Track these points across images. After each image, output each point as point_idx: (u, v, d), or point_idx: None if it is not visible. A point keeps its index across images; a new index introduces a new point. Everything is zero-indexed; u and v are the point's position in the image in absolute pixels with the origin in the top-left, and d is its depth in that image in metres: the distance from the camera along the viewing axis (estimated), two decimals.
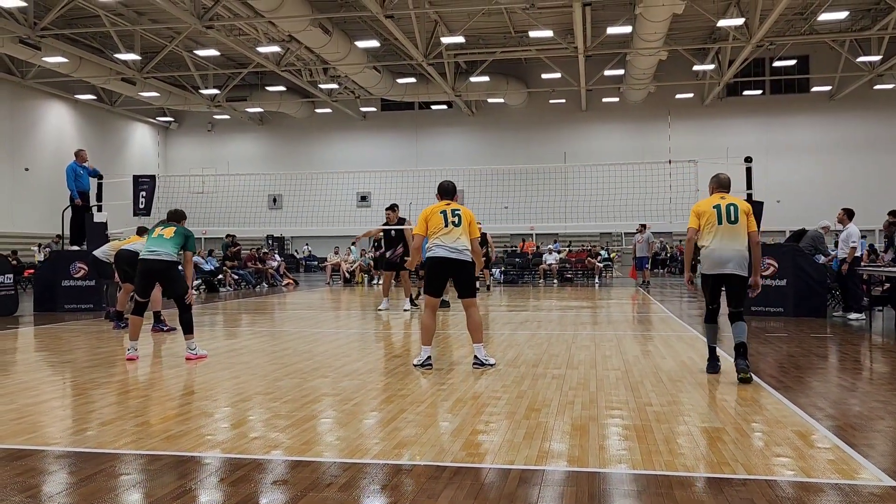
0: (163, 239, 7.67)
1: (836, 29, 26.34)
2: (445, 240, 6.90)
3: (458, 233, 6.91)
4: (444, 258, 6.87)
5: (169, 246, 7.65)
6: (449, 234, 6.90)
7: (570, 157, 31.81)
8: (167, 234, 7.72)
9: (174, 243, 7.69)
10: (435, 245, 6.95)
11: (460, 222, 6.95)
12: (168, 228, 7.80)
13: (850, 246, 11.46)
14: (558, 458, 4.03)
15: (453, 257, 6.85)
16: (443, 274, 7.01)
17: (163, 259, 7.59)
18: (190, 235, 7.89)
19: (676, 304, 15.09)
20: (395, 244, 13.17)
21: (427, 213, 7.07)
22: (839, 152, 32.35)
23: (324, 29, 22.73)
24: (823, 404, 5.38)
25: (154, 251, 7.60)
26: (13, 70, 27.36)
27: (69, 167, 14.20)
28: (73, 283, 13.39)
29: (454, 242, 6.87)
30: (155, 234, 7.75)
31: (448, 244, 6.87)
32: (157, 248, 7.61)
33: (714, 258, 6.47)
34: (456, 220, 6.94)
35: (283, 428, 4.71)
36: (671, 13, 20.69)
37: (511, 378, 6.39)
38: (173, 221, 8.08)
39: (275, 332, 10.40)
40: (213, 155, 37.29)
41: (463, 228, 6.95)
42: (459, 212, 7.02)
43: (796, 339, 9.09)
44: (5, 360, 7.77)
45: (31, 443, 4.40)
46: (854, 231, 11.56)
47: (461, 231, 6.93)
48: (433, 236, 6.98)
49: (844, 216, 11.89)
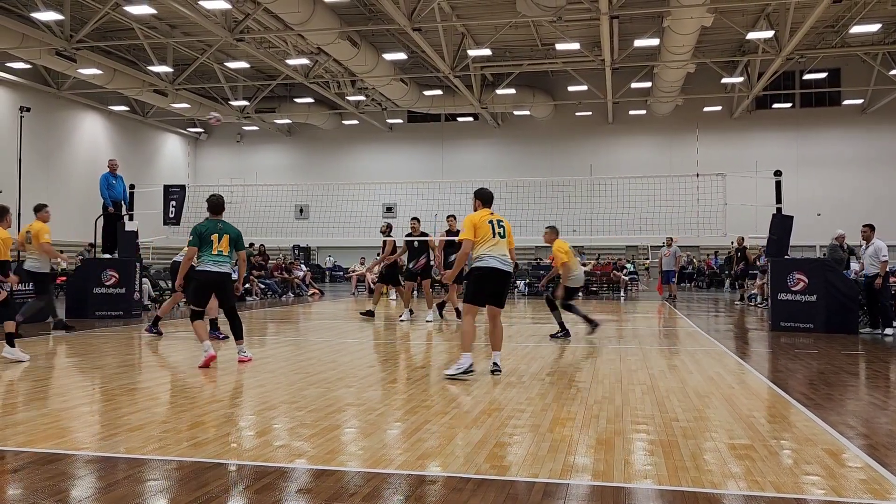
0: (222, 255, 7.75)
1: (868, 42, 25.97)
2: (494, 251, 7.00)
3: (504, 244, 7.07)
4: (498, 269, 6.98)
5: (229, 259, 7.83)
6: (497, 245, 7.02)
7: (597, 170, 31.66)
8: (224, 249, 7.76)
9: (231, 255, 7.87)
10: (486, 255, 7.01)
11: (504, 234, 7.13)
12: (223, 240, 7.75)
13: (881, 260, 11.34)
14: (583, 472, 4.00)
15: (504, 269, 7.00)
16: (493, 284, 7.03)
17: (225, 272, 7.80)
18: (239, 236, 7.94)
19: (703, 318, 14.91)
20: (419, 255, 13.32)
21: (476, 220, 7.09)
22: (872, 166, 31.80)
23: (352, 41, 22.97)
24: (855, 422, 5.27)
25: (219, 263, 7.72)
26: (49, 81, 28.00)
27: (102, 177, 14.50)
28: (104, 290, 13.60)
29: (503, 254, 7.04)
30: (214, 249, 7.70)
31: (497, 255, 7.00)
32: (221, 261, 7.74)
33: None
34: (501, 232, 7.10)
35: (307, 437, 4.74)
36: (700, 26, 20.57)
37: (535, 391, 6.36)
38: (218, 217, 7.97)
39: (300, 342, 10.46)
40: (242, 165, 37.74)
41: (507, 239, 7.13)
42: (503, 223, 7.19)
43: (826, 355, 8.92)
44: (37, 365, 7.91)
45: (60, 447, 4.47)
46: (882, 245, 11.45)
47: (506, 242, 7.11)
48: (481, 246, 7.03)
49: (870, 231, 11.77)
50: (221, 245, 7.71)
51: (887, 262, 11.44)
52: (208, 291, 7.88)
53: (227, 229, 7.82)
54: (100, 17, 21.36)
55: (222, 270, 7.75)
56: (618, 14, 20.21)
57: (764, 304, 17.03)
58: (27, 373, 7.36)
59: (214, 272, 7.70)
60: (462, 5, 22.63)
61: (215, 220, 7.88)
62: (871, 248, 11.58)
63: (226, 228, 7.82)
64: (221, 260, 7.73)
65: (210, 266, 7.68)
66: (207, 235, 7.69)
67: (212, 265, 7.68)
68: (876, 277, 11.33)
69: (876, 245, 11.49)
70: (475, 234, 7.03)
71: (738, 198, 14.12)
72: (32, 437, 4.69)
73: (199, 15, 20.42)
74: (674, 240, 20.74)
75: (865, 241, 11.76)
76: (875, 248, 11.49)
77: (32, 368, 7.64)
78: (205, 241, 7.70)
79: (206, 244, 7.69)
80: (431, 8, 20.22)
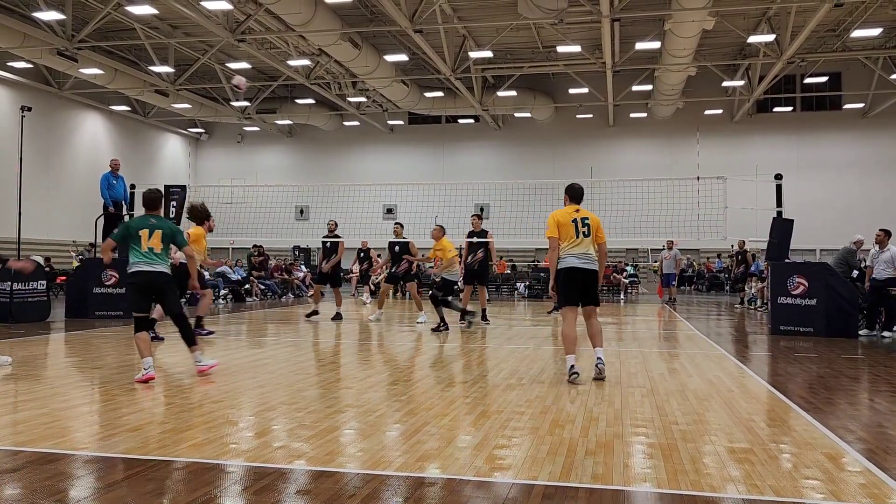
0: (153, 253, 6.92)
1: (869, 46, 25.97)
2: (575, 250, 7.02)
3: (587, 242, 7.03)
4: (578, 268, 6.99)
5: (163, 257, 7.01)
6: (579, 244, 7.01)
7: (597, 173, 31.66)
8: (156, 246, 6.93)
9: (165, 252, 7.05)
10: (566, 255, 7.04)
11: (589, 232, 7.05)
12: (154, 236, 6.93)
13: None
14: (582, 474, 3.99)
15: (586, 267, 7.00)
16: (578, 284, 7.04)
17: (160, 271, 6.96)
18: (175, 232, 7.13)
19: (703, 321, 14.91)
20: (400, 259, 13.59)
21: (559, 218, 7.09)
22: (872, 170, 31.80)
23: (353, 43, 22.98)
24: (854, 426, 5.27)
25: (151, 262, 6.91)
26: (50, 81, 28.01)
27: (103, 177, 14.50)
28: (104, 290, 13.60)
29: (584, 252, 7.02)
30: (143, 246, 6.88)
31: (577, 253, 7.01)
32: (153, 259, 6.92)
33: None
34: (586, 231, 7.04)
35: (306, 438, 4.74)
36: (701, 29, 20.57)
37: (535, 393, 6.36)
38: (154, 213, 7.18)
39: (299, 343, 10.46)
40: (243, 166, 37.75)
41: (591, 238, 7.06)
42: (588, 220, 7.09)
43: (826, 359, 8.92)
44: (37, 364, 7.91)
45: (60, 447, 4.47)
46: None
47: (590, 240, 7.05)
48: (563, 246, 7.05)
49: (885, 237, 11.87)
50: (152, 241, 6.89)
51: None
52: (146, 295, 7.00)
53: (159, 225, 7.00)
54: (101, 17, 21.37)
55: (156, 269, 6.90)
56: (619, 17, 20.22)
57: (764, 308, 17.03)
58: (26, 372, 7.35)
59: (147, 272, 6.87)
60: (463, 7, 22.64)
61: (148, 216, 7.11)
62: (886, 254, 11.69)
63: (159, 224, 7.01)
64: (153, 258, 6.89)
65: (142, 266, 6.86)
66: (135, 230, 6.92)
67: (143, 265, 6.86)
68: (887, 282, 11.44)
69: (892, 251, 11.64)
70: (558, 233, 7.04)
71: (738, 201, 14.15)
72: (31, 437, 4.69)
73: (201, 15, 20.43)
74: (674, 243, 20.74)
75: (879, 244, 11.86)
76: (892, 253, 11.63)
77: (32, 368, 7.64)
78: (132, 236, 6.92)
79: (135, 240, 6.90)
80: (433, 10, 20.23)
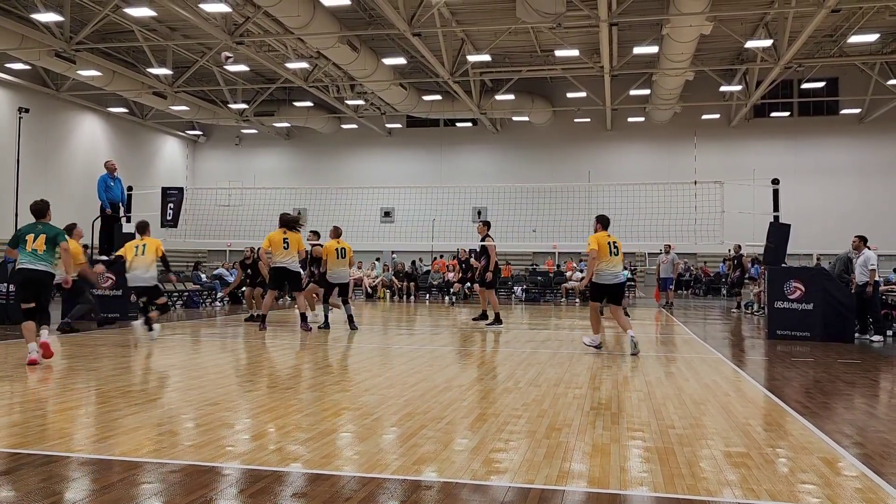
0: (36, 253, 8.00)
1: (866, 51, 26.07)
2: (608, 268, 9.32)
3: (617, 260, 9.36)
4: (607, 285, 9.44)
5: (46, 257, 8.07)
6: (611, 262, 9.29)
7: (595, 177, 31.71)
8: (39, 247, 8.02)
9: (49, 253, 8.09)
10: (601, 271, 9.35)
11: (617, 251, 9.34)
12: (39, 239, 8.04)
13: (869, 269, 11.85)
14: (579, 478, 3.99)
15: (613, 283, 9.43)
16: (606, 292, 9.52)
17: (40, 269, 8.03)
18: (57, 233, 8.17)
19: (700, 326, 14.92)
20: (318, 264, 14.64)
21: (599, 239, 9.28)
22: (869, 175, 31.89)
23: (352, 46, 23.00)
24: (850, 431, 5.28)
25: (34, 261, 7.99)
26: (48, 83, 27.99)
27: (100, 178, 14.46)
28: (100, 292, 13.56)
29: (614, 269, 9.38)
30: (28, 247, 8.01)
31: (609, 272, 9.35)
32: (36, 259, 8.00)
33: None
34: (615, 251, 9.32)
35: (303, 441, 4.73)
36: (698, 34, 20.64)
37: (532, 397, 6.36)
38: (41, 221, 8.28)
39: (296, 345, 10.45)
40: (240, 168, 37.74)
41: (620, 256, 9.37)
42: (617, 244, 9.32)
43: (823, 363, 8.93)
44: (33, 367, 7.88)
45: (55, 449, 4.45)
46: (871, 255, 12.02)
47: (619, 258, 9.37)
48: (599, 262, 9.26)
49: (860, 243, 12.35)
50: (36, 244, 8.02)
51: (875, 271, 11.91)
52: (28, 288, 8.08)
53: (44, 230, 8.14)
54: (100, 19, 21.37)
55: (37, 268, 7.99)
56: (617, 21, 20.26)
57: (761, 312, 17.04)
58: (22, 374, 7.33)
59: (29, 269, 7.97)
60: (462, 11, 22.68)
61: (35, 223, 8.24)
62: (861, 258, 12.07)
63: (44, 229, 8.15)
64: (36, 258, 7.99)
65: (26, 264, 7.98)
66: (23, 236, 8.13)
67: (27, 263, 7.98)
68: (866, 286, 11.64)
69: (866, 255, 12.01)
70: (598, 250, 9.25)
71: (735, 205, 14.16)
72: (27, 439, 4.67)
73: (199, 18, 20.43)
74: (671, 247, 20.75)
75: (856, 250, 12.28)
76: (865, 257, 11.99)
77: (28, 370, 7.61)
78: (21, 240, 8.10)
79: (23, 243, 8.07)
80: (431, 13, 20.26)
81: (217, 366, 8.15)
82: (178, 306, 18.59)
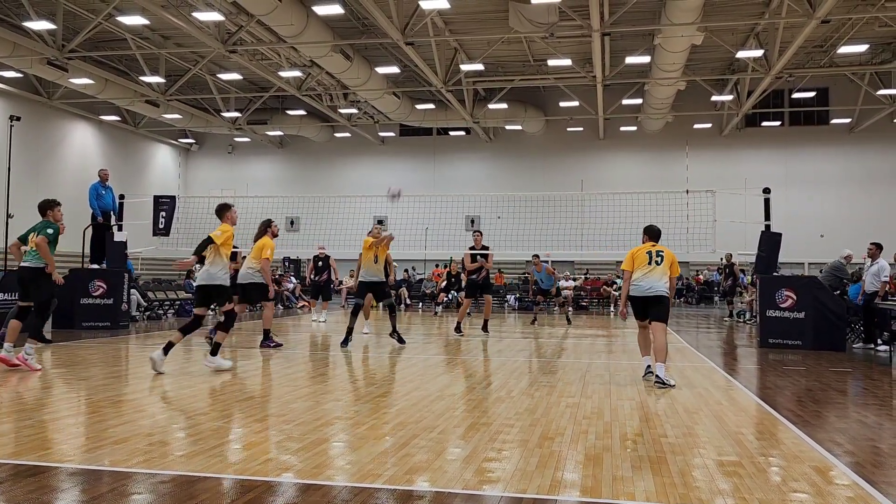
0: (31, 251, 8.29)
1: (856, 62, 26.26)
2: (642, 279, 8.12)
3: (659, 271, 8.13)
4: (637, 297, 8.15)
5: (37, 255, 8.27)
6: (649, 272, 8.09)
7: (587, 185, 31.77)
8: (31, 245, 8.32)
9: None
10: (635, 283, 8.17)
11: (662, 261, 8.17)
12: (31, 237, 8.31)
13: (881, 280, 11.60)
14: (571, 487, 3.98)
15: (645, 295, 8.08)
16: (640, 306, 8.19)
17: (30, 266, 8.25)
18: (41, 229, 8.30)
19: (693, 334, 14.95)
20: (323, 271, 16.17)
21: (635, 252, 8.34)
22: (860, 185, 32.07)
23: (345, 55, 23.03)
24: (842, 440, 5.29)
25: (27, 259, 8.31)
26: (40, 91, 27.90)
27: (92, 187, 14.43)
28: (91, 300, 13.50)
29: (649, 280, 8.08)
30: (30, 245, 8.33)
31: (643, 283, 8.10)
32: (28, 257, 8.30)
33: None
34: (658, 260, 8.18)
35: (294, 450, 4.70)
36: (690, 44, 20.76)
37: (524, 406, 6.35)
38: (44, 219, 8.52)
39: (288, 354, 10.41)
40: (233, 177, 37.65)
41: (664, 267, 8.15)
42: (663, 253, 8.25)
43: (815, 372, 8.96)
44: (23, 376, 7.83)
45: (44, 459, 4.41)
46: (885, 265, 11.74)
47: (662, 270, 8.14)
48: (635, 275, 8.19)
49: (876, 250, 12.02)
50: (31, 241, 8.33)
51: (887, 282, 11.71)
52: (20, 286, 8.43)
53: (36, 227, 8.36)
54: (92, 27, 21.33)
55: (26, 264, 8.28)
56: (609, 31, 20.37)
57: (753, 321, 17.09)
58: (11, 383, 7.28)
59: (21, 267, 8.33)
60: (455, 20, 22.75)
61: (40, 222, 8.48)
62: (874, 266, 11.81)
63: (36, 227, 8.37)
64: (29, 255, 8.28)
65: (24, 263, 8.33)
66: (26, 236, 8.44)
67: (25, 261, 8.33)
68: (874, 295, 11.52)
69: (881, 264, 11.77)
70: (633, 263, 8.22)
71: (727, 214, 14.23)
72: (16, 449, 4.63)
73: (192, 26, 20.42)
74: None
75: (871, 258, 11.99)
76: (879, 266, 11.75)
77: (17, 378, 7.56)
78: (25, 240, 8.45)
79: (26, 243, 8.44)
80: (424, 23, 20.32)
81: (208, 375, 8.11)
82: (170, 315, 18.51)
